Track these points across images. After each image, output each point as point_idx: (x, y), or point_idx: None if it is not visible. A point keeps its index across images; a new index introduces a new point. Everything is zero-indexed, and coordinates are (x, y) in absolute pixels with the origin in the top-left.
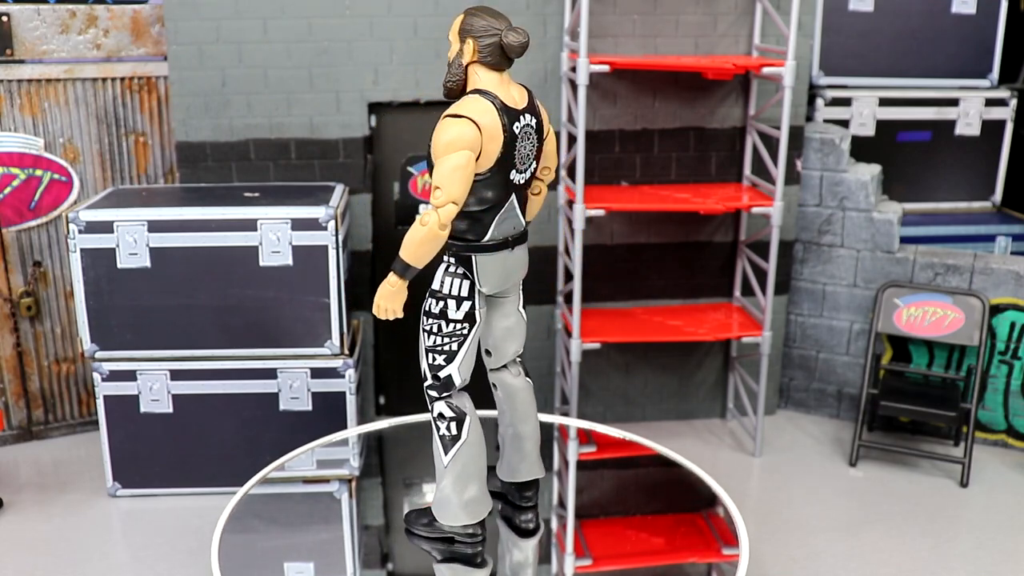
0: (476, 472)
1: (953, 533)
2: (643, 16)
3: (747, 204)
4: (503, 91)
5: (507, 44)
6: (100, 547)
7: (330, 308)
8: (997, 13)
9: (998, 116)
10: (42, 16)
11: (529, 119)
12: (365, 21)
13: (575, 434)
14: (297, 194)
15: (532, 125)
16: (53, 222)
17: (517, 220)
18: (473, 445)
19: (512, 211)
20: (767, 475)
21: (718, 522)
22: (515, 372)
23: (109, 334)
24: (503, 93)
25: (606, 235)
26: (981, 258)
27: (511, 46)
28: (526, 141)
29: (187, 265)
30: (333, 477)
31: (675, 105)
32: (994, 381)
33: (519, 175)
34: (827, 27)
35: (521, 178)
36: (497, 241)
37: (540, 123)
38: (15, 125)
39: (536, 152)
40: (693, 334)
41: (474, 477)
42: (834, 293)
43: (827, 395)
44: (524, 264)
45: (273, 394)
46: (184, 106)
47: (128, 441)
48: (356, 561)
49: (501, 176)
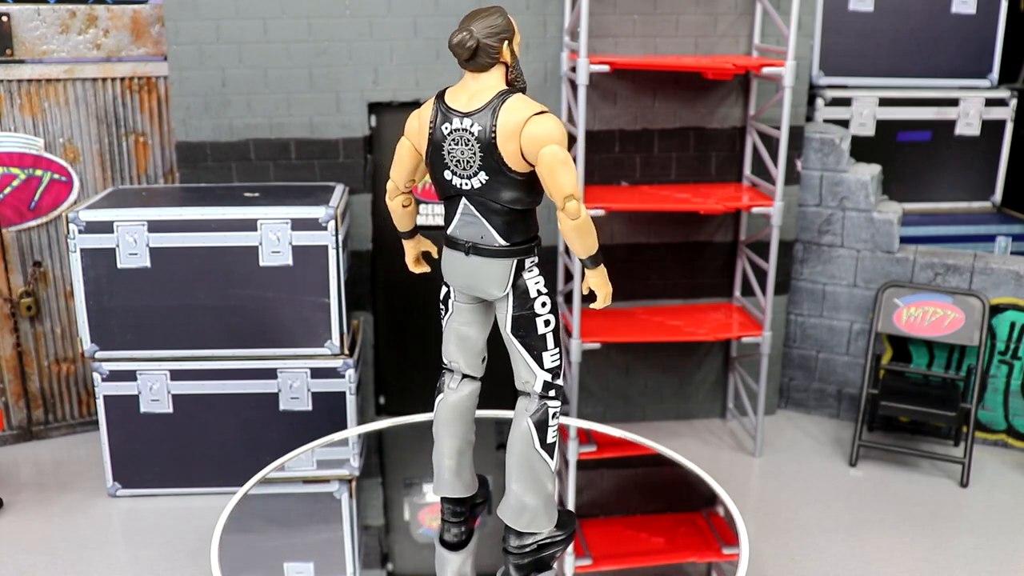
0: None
1: (953, 533)
2: (643, 16)
3: (747, 204)
4: (458, 91)
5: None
6: (100, 547)
7: (330, 308)
8: (997, 13)
9: (998, 116)
10: (42, 16)
11: (467, 124)
12: (365, 21)
13: (575, 434)
14: (297, 194)
15: (471, 132)
16: (53, 222)
17: (485, 231)
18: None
19: (474, 218)
20: (767, 475)
21: (718, 522)
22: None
23: (109, 334)
24: (455, 93)
25: (606, 235)
26: (981, 258)
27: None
28: (458, 146)
29: (187, 265)
30: (333, 477)
31: (675, 105)
32: (994, 381)
33: (457, 179)
34: (827, 27)
35: (463, 183)
36: (456, 240)
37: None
38: (15, 125)
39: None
40: (693, 334)
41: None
42: (834, 293)
43: (827, 395)
44: (490, 279)
45: (273, 394)
46: (184, 106)
47: (128, 441)
48: (356, 561)
49: (436, 173)
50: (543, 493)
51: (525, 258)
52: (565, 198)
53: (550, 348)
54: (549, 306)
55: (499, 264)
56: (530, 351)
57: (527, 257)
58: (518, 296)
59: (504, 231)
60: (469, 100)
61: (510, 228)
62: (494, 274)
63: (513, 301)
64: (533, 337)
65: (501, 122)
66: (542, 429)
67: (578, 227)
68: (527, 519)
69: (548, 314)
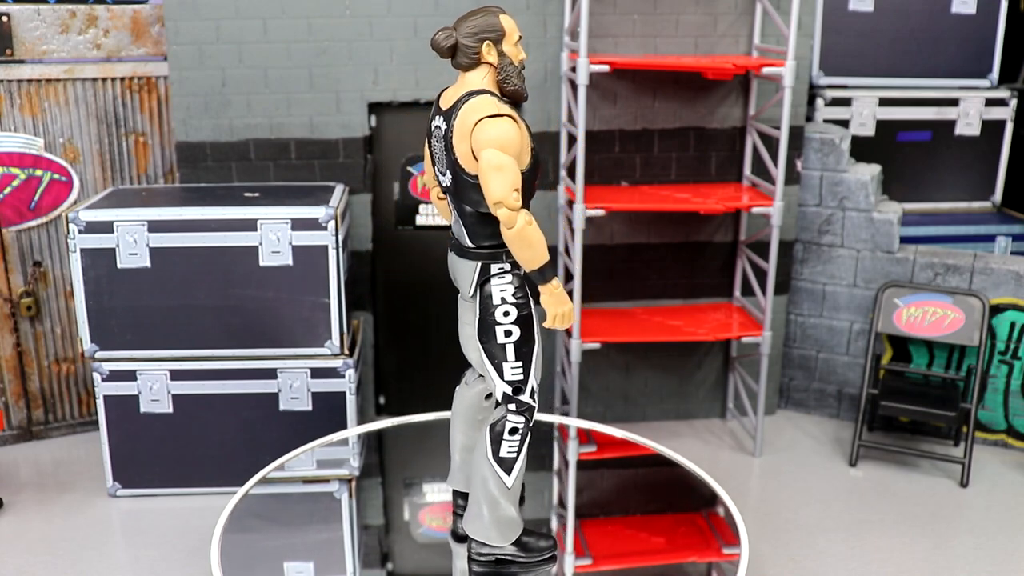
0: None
1: (953, 533)
2: (643, 16)
3: (747, 204)
4: (449, 89)
5: None
6: (100, 547)
7: (330, 308)
8: (997, 13)
9: (998, 116)
10: (42, 16)
11: (440, 122)
12: (365, 21)
13: (575, 434)
14: (297, 194)
15: (442, 129)
16: (53, 222)
17: (459, 229)
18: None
19: (455, 215)
20: (767, 475)
21: (718, 522)
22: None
23: (109, 334)
24: (448, 91)
25: (606, 235)
26: (981, 258)
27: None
28: (438, 143)
29: (187, 265)
30: (333, 477)
31: (675, 105)
32: (994, 381)
33: (440, 175)
34: (827, 27)
35: (443, 180)
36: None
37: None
38: (15, 125)
39: (447, 161)
40: (693, 334)
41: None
42: (834, 293)
43: (827, 395)
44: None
45: (273, 394)
46: (184, 106)
47: (128, 441)
48: (356, 561)
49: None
50: (493, 506)
51: (491, 263)
52: (495, 204)
53: (510, 359)
54: (513, 317)
55: (467, 265)
56: (491, 359)
57: (493, 262)
58: (482, 300)
59: (470, 232)
60: (451, 98)
61: (475, 230)
62: (464, 274)
63: (479, 304)
64: (493, 345)
65: (458, 122)
66: (496, 440)
67: (512, 238)
68: (476, 527)
69: (511, 325)
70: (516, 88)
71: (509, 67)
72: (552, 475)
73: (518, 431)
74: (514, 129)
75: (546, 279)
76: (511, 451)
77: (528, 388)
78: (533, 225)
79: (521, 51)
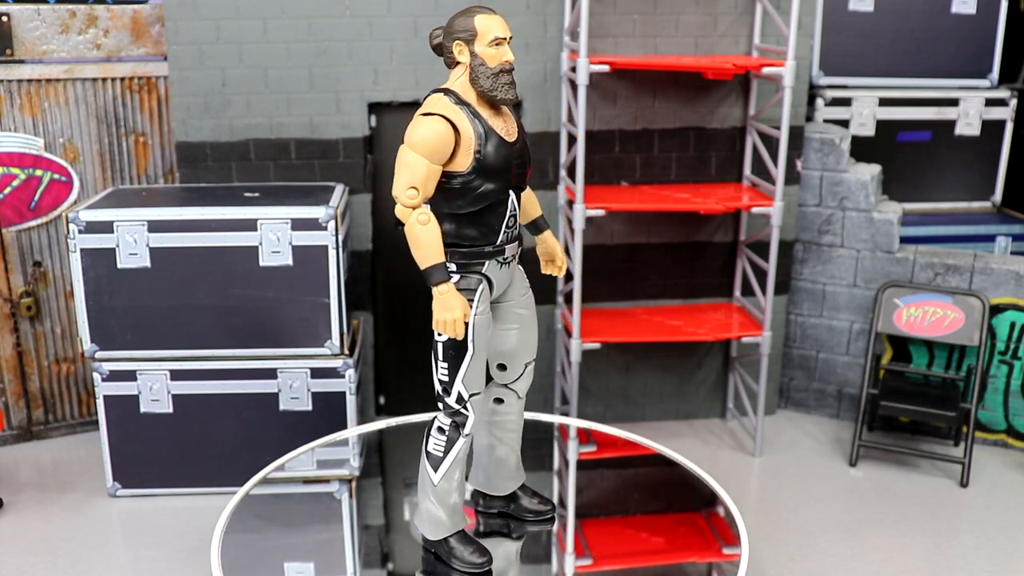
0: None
1: (953, 533)
2: (643, 16)
3: (747, 204)
4: None
5: None
6: (100, 547)
7: (330, 308)
8: (997, 13)
9: (998, 116)
10: (42, 16)
11: None
12: (365, 21)
13: (575, 434)
14: (297, 194)
15: None
16: (53, 222)
17: None
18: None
19: None
20: (767, 475)
21: (718, 522)
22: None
23: (109, 334)
24: None
25: (606, 235)
26: (981, 258)
27: None
28: None
29: (187, 265)
30: (333, 477)
31: (675, 105)
32: (994, 381)
33: None
34: (827, 27)
35: None
36: None
37: None
38: (15, 125)
39: None
40: (693, 334)
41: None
42: (834, 293)
43: (827, 395)
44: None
45: (273, 394)
46: (184, 106)
47: (128, 441)
48: (356, 561)
49: None
50: (423, 499)
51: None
52: (395, 198)
53: (439, 359)
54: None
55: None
56: (433, 354)
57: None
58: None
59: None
60: None
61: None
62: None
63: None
64: (434, 340)
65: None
66: (426, 435)
67: (406, 233)
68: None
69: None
70: (483, 89)
71: (479, 68)
72: (552, 475)
73: (444, 431)
74: (436, 130)
75: (432, 282)
76: (437, 448)
77: (454, 393)
78: (428, 226)
79: (505, 52)
